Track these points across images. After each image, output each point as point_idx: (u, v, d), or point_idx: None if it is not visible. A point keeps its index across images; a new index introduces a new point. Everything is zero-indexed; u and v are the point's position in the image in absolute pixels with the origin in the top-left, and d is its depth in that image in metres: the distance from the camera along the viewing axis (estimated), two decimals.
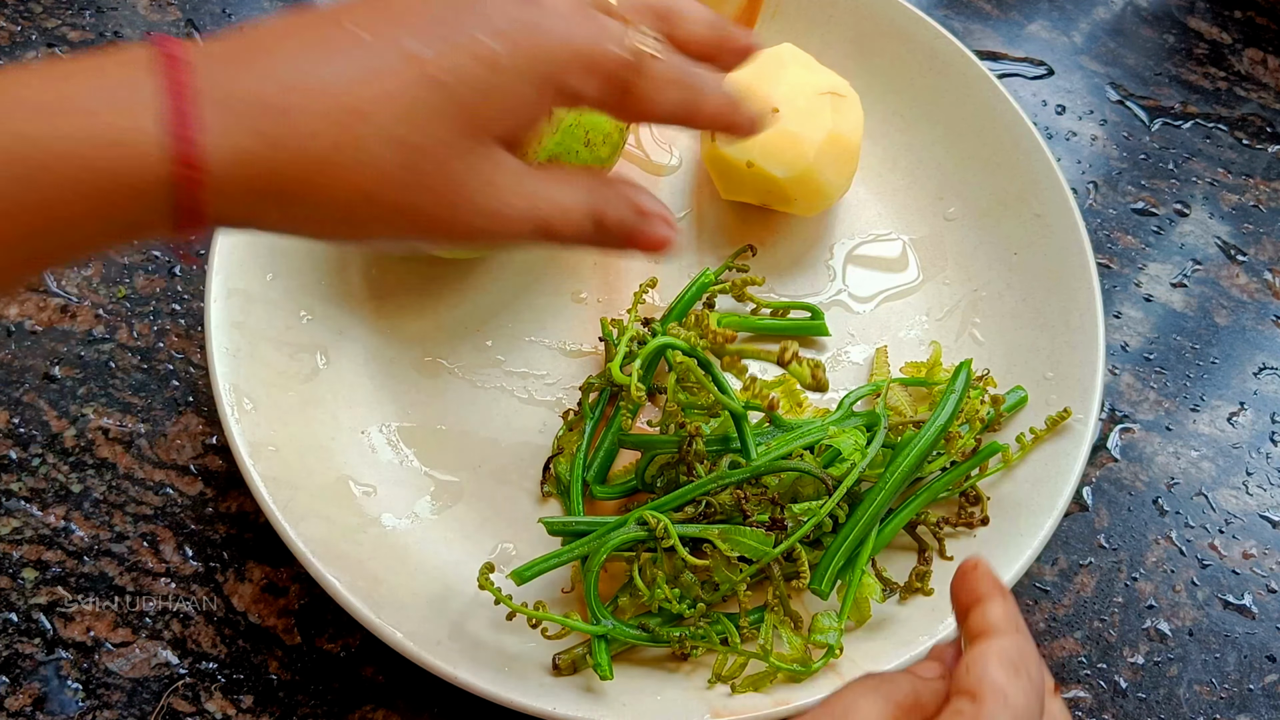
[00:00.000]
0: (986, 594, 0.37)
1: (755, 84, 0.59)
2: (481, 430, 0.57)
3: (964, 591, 0.37)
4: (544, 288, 0.61)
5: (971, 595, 0.37)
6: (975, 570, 0.37)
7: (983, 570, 0.38)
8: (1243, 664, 0.56)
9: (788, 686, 0.49)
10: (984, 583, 0.37)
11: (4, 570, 0.54)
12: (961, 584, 0.37)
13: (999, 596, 0.37)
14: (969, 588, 0.37)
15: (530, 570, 0.49)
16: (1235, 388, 0.63)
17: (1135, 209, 0.68)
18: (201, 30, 0.69)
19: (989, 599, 0.36)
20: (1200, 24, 0.75)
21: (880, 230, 0.64)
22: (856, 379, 0.60)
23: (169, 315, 0.60)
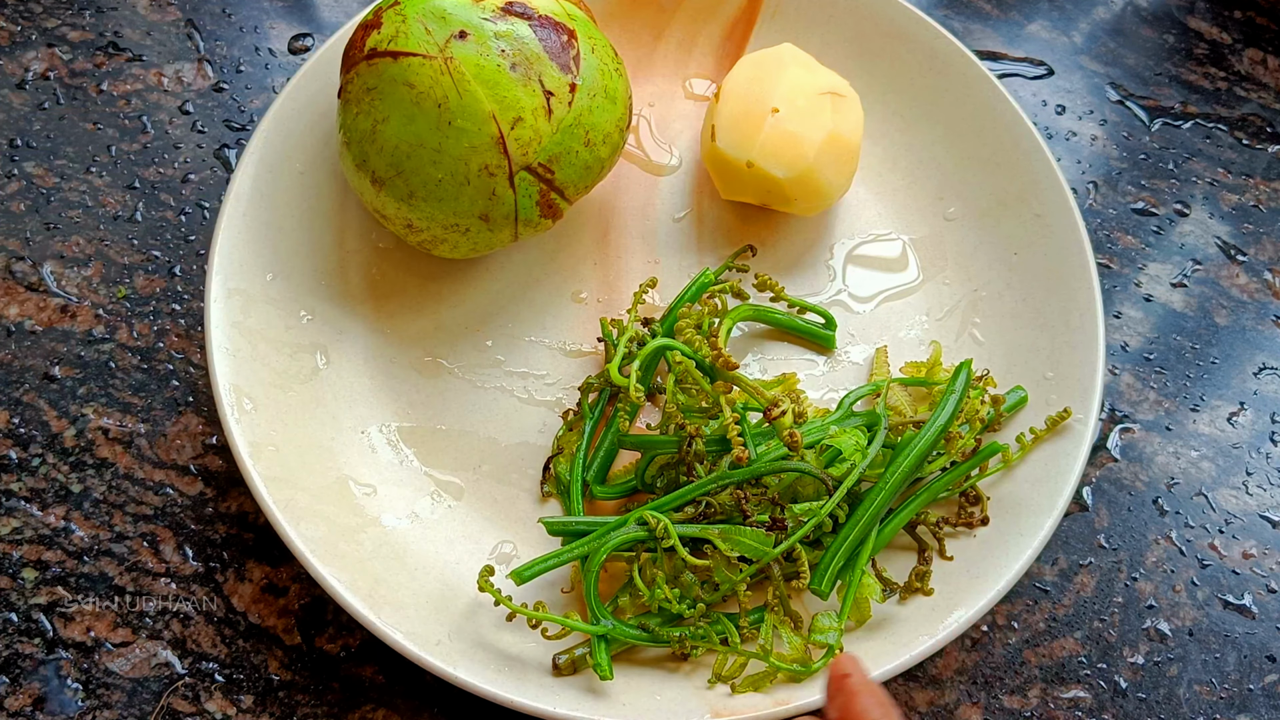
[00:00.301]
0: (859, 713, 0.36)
1: (755, 84, 0.59)
2: (481, 430, 0.57)
3: (843, 709, 0.37)
4: (544, 288, 0.61)
5: (849, 715, 0.37)
6: (848, 686, 0.37)
7: (855, 687, 0.37)
8: (1243, 664, 0.56)
9: (788, 686, 0.49)
10: (860, 704, 0.37)
11: (4, 570, 0.54)
12: (839, 704, 0.37)
13: (876, 711, 0.37)
14: (847, 710, 0.37)
15: (530, 570, 0.49)
16: (1235, 388, 0.63)
17: (1135, 209, 0.68)
18: (201, 30, 0.69)
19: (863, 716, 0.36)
20: (1200, 24, 0.75)
21: (880, 230, 0.64)
22: (856, 379, 0.60)
23: (169, 315, 0.60)
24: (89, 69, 0.67)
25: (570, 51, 0.53)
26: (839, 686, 0.38)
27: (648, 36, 0.67)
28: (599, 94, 0.54)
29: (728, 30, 0.67)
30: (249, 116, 0.66)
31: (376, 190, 0.54)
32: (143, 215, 0.63)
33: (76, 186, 0.63)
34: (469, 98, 0.51)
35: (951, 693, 0.54)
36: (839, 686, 0.38)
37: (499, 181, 0.52)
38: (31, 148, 0.64)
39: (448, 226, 0.54)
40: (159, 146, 0.65)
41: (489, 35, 0.51)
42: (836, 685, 0.38)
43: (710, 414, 0.54)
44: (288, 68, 0.68)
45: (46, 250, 0.61)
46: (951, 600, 0.52)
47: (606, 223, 0.63)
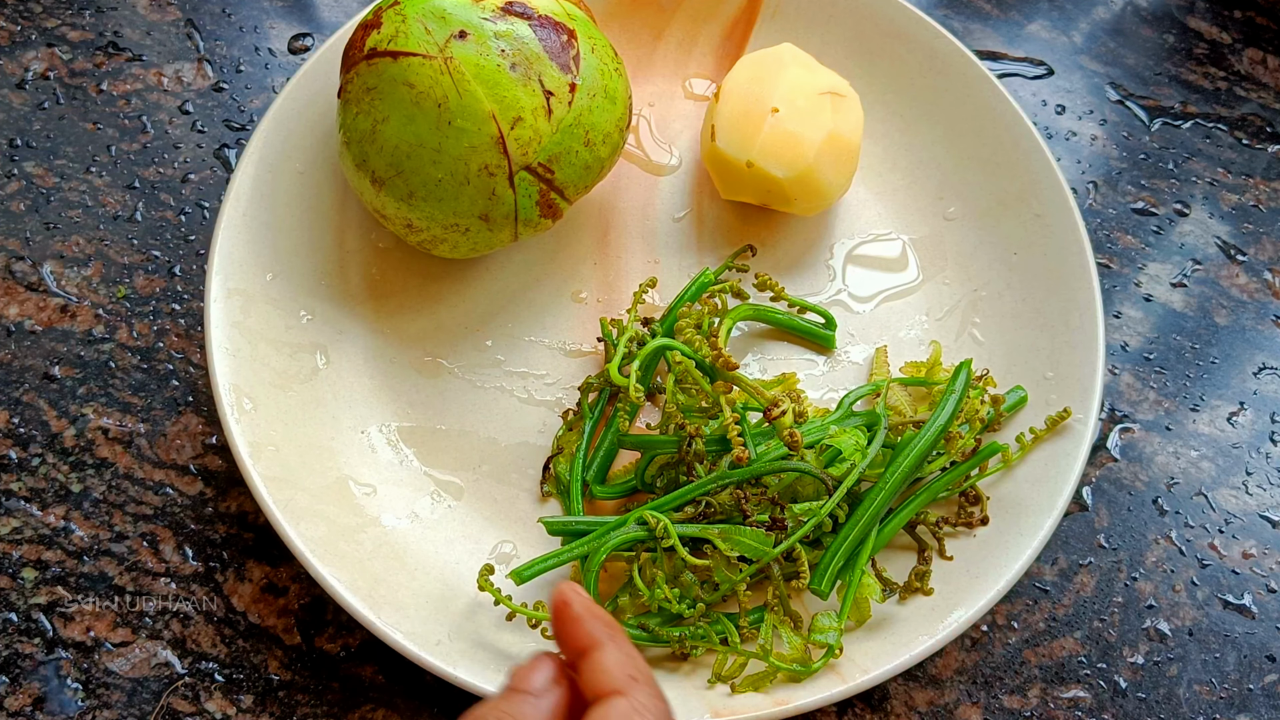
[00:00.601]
0: (594, 642, 0.35)
1: (755, 84, 0.59)
2: (481, 430, 0.57)
3: (569, 638, 0.35)
4: (544, 288, 0.61)
5: (578, 642, 0.35)
6: (571, 614, 0.35)
7: (580, 609, 0.36)
8: (1242, 664, 0.56)
9: (788, 686, 0.49)
10: (587, 627, 0.35)
11: (4, 570, 0.54)
12: (564, 629, 0.35)
13: (608, 643, 0.35)
14: (573, 635, 0.35)
15: (530, 570, 0.49)
16: (1235, 387, 0.63)
17: (1135, 209, 0.68)
18: (201, 30, 0.69)
19: (598, 648, 0.35)
20: (1200, 24, 0.75)
21: (880, 230, 0.64)
22: (856, 379, 0.60)
23: (169, 315, 0.60)
24: (89, 69, 0.67)
25: (570, 51, 0.53)
26: (561, 615, 0.36)
27: (648, 36, 0.67)
28: (599, 94, 0.54)
29: (728, 30, 0.67)
30: (249, 116, 0.66)
31: (376, 190, 0.54)
32: (143, 215, 0.63)
33: (76, 186, 0.63)
34: (469, 97, 0.51)
35: (951, 693, 0.54)
36: (561, 615, 0.36)
37: (499, 181, 0.52)
38: (31, 148, 0.64)
39: (448, 226, 0.54)
40: (159, 146, 0.65)
41: (489, 35, 0.51)
42: (559, 615, 0.36)
43: (710, 414, 0.54)
44: (288, 68, 0.68)
45: (46, 250, 0.61)
46: (951, 600, 0.52)
47: (606, 223, 0.63)
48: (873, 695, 0.54)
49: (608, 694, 0.33)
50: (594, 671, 0.34)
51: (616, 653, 0.35)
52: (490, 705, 0.34)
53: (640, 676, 0.34)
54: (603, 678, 0.34)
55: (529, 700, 0.34)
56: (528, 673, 0.35)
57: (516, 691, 0.35)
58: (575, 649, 0.35)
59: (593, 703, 0.33)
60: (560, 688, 0.35)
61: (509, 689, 0.35)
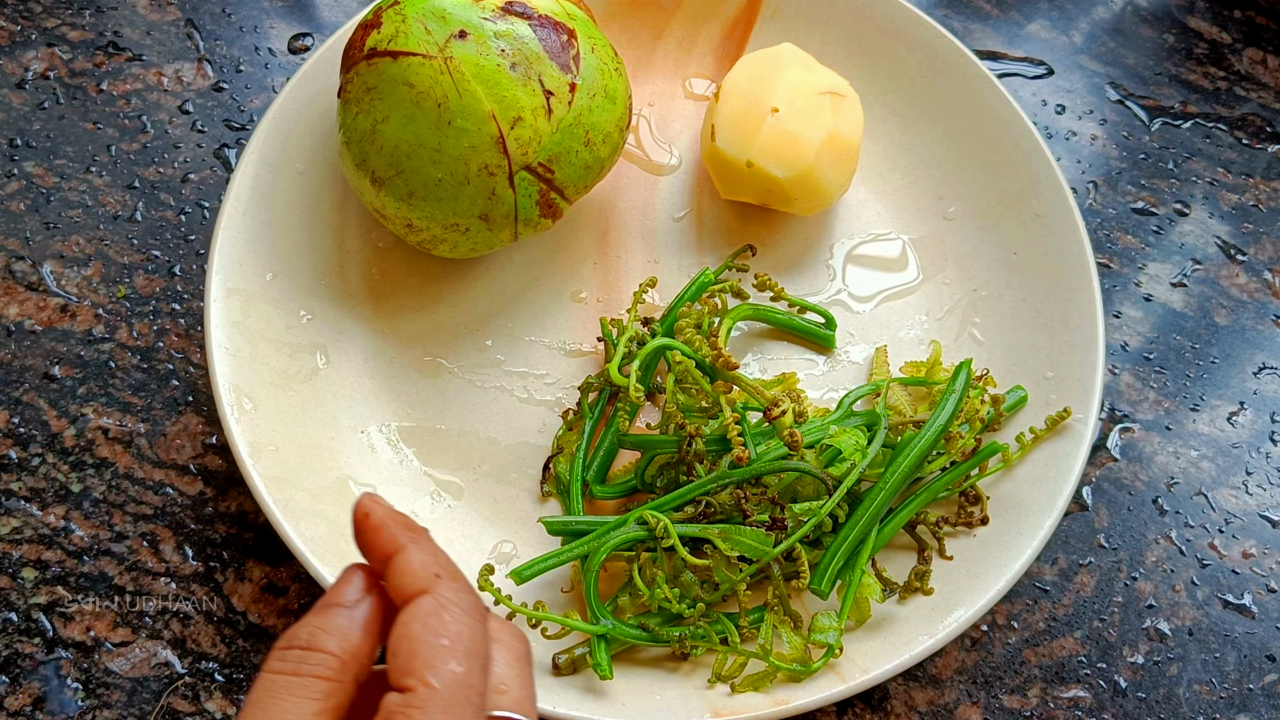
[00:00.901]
0: (396, 546, 0.34)
1: (755, 84, 0.59)
2: (481, 430, 0.57)
3: (372, 546, 0.35)
4: (544, 288, 0.61)
5: (381, 550, 0.35)
6: (371, 524, 0.35)
7: (379, 520, 0.35)
8: (1242, 664, 0.56)
9: (788, 686, 0.49)
10: (387, 533, 0.35)
11: (4, 570, 0.54)
12: (366, 539, 0.35)
13: (410, 545, 0.34)
14: (375, 543, 0.35)
15: (530, 570, 0.49)
16: (1235, 387, 0.63)
17: (1135, 209, 0.68)
18: (201, 30, 0.69)
19: (400, 552, 0.34)
20: (1200, 24, 0.75)
21: (880, 230, 0.64)
22: (856, 379, 0.60)
23: (169, 315, 0.60)
24: (89, 69, 0.67)
25: (570, 51, 0.53)
26: (362, 526, 0.35)
27: (648, 36, 0.67)
28: (599, 94, 0.54)
29: (727, 30, 0.67)
30: (249, 116, 0.66)
31: (376, 190, 0.54)
32: (143, 215, 0.63)
33: (76, 186, 0.63)
34: (469, 97, 0.51)
35: (951, 692, 0.54)
36: (362, 526, 0.35)
37: (499, 181, 0.52)
38: (31, 147, 0.64)
39: (447, 226, 0.54)
40: (159, 146, 0.65)
41: (489, 35, 0.51)
42: (359, 526, 0.35)
43: (710, 414, 0.54)
44: (288, 67, 0.68)
45: (46, 250, 0.61)
46: (951, 600, 0.52)
47: (606, 222, 0.63)
48: (873, 695, 0.54)
49: (413, 594, 0.33)
50: (398, 575, 0.34)
51: (419, 553, 0.34)
52: (303, 622, 0.34)
53: (444, 572, 0.34)
54: (407, 579, 0.34)
55: (341, 612, 0.34)
56: (337, 587, 0.35)
57: (329, 605, 0.35)
58: (380, 557, 0.35)
59: (402, 607, 0.33)
60: (372, 596, 0.35)
61: (320, 604, 0.35)
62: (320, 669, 0.33)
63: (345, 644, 0.33)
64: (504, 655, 0.36)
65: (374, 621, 0.34)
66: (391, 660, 0.32)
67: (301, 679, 0.32)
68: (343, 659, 0.33)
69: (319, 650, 0.33)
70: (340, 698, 0.33)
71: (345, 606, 0.34)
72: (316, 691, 0.32)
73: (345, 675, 0.33)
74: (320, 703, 0.32)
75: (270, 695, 0.32)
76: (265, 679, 0.33)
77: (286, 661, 0.33)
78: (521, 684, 0.36)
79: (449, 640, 0.32)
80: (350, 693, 0.33)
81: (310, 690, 0.32)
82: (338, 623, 0.34)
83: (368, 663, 0.34)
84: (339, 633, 0.34)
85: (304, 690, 0.32)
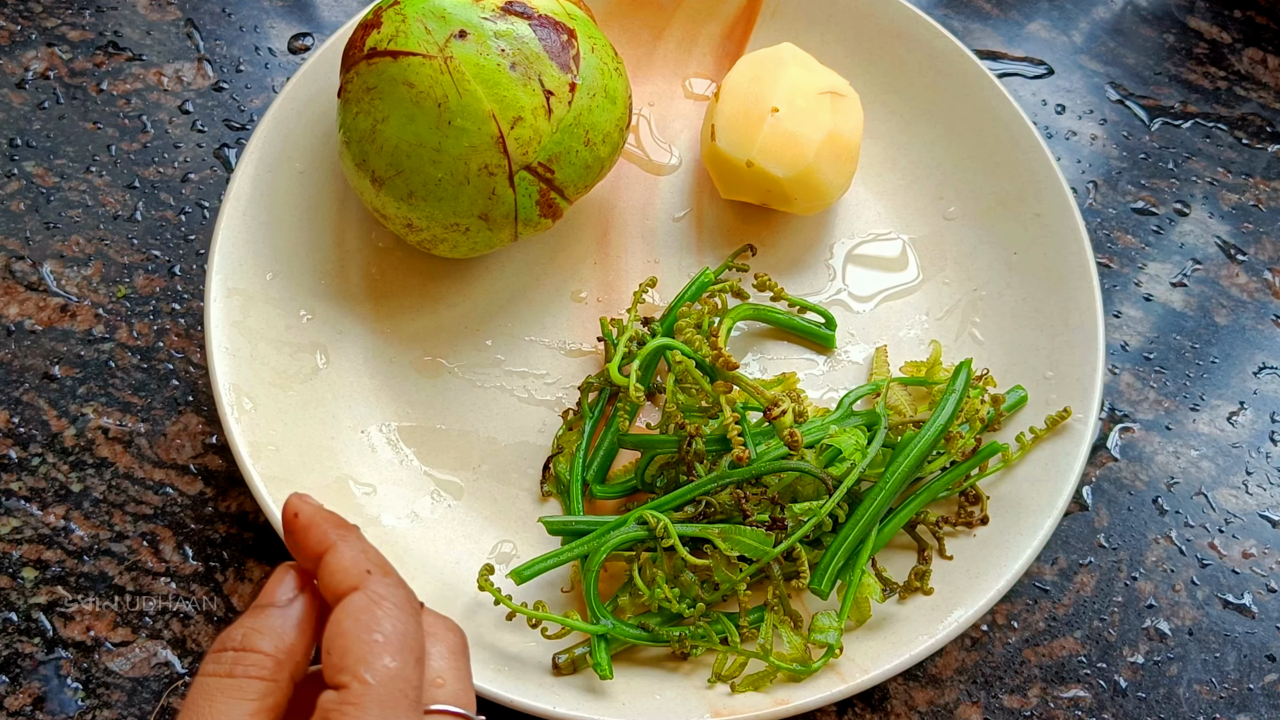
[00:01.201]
0: (326, 544, 0.34)
1: (755, 83, 0.59)
2: (481, 430, 0.57)
3: (303, 546, 0.35)
4: (544, 287, 0.61)
5: (311, 549, 0.35)
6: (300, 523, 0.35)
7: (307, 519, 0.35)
8: (1242, 663, 0.56)
9: (788, 686, 0.49)
10: (317, 532, 0.35)
11: (4, 570, 0.54)
12: (296, 539, 0.35)
13: (339, 542, 0.34)
14: (305, 542, 0.35)
15: (530, 570, 0.49)
16: (1235, 387, 0.63)
17: (1135, 208, 0.68)
18: (201, 30, 0.69)
19: (330, 550, 0.34)
20: (1200, 23, 0.75)
21: (880, 230, 0.64)
22: (856, 378, 0.60)
23: (169, 315, 0.60)
24: (89, 68, 0.67)
25: (570, 51, 0.53)
26: (291, 526, 0.35)
27: (648, 36, 0.67)
28: (599, 93, 0.54)
29: (727, 30, 0.67)
30: (249, 116, 0.66)
31: (376, 190, 0.54)
32: (142, 215, 0.63)
33: (76, 186, 0.63)
34: (469, 97, 0.51)
35: (951, 692, 0.54)
36: (291, 526, 0.35)
37: (499, 181, 0.52)
38: (31, 147, 0.64)
39: (448, 226, 0.54)
40: (159, 146, 0.65)
41: (489, 34, 0.51)
42: (289, 526, 0.35)
43: (710, 413, 0.54)
44: (287, 67, 0.68)
45: (46, 250, 0.61)
46: (951, 600, 0.52)
47: (606, 222, 0.63)
48: (873, 695, 0.54)
49: (345, 591, 0.33)
50: (329, 573, 0.34)
51: (349, 550, 0.34)
52: (237, 624, 0.34)
53: (375, 568, 0.34)
54: (338, 576, 0.34)
55: (274, 612, 0.34)
56: (270, 587, 0.35)
57: (262, 606, 0.35)
58: (310, 555, 0.35)
59: (335, 605, 0.33)
60: (305, 595, 0.35)
61: (254, 605, 0.35)
62: (255, 669, 0.33)
63: (279, 643, 0.34)
64: (439, 649, 0.36)
65: (308, 620, 0.34)
66: (326, 658, 0.32)
67: (236, 680, 0.33)
68: (277, 658, 0.33)
69: (253, 650, 0.33)
70: (277, 697, 0.33)
71: (278, 606, 0.34)
72: (252, 692, 0.32)
73: (280, 674, 0.33)
74: (256, 703, 0.32)
75: (206, 697, 0.32)
76: (201, 682, 0.33)
77: (221, 664, 0.33)
78: (458, 677, 0.36)
79: (382, 636, 0.32)
80: (287, 692, 0.33)
81: (245, 691, 0.32)
82: (271, 623, 0.34)
83: (304, 661, 0.34)
84: (273, 632, 0.34)
85: (239, 691, 0.32)
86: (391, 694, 0.32)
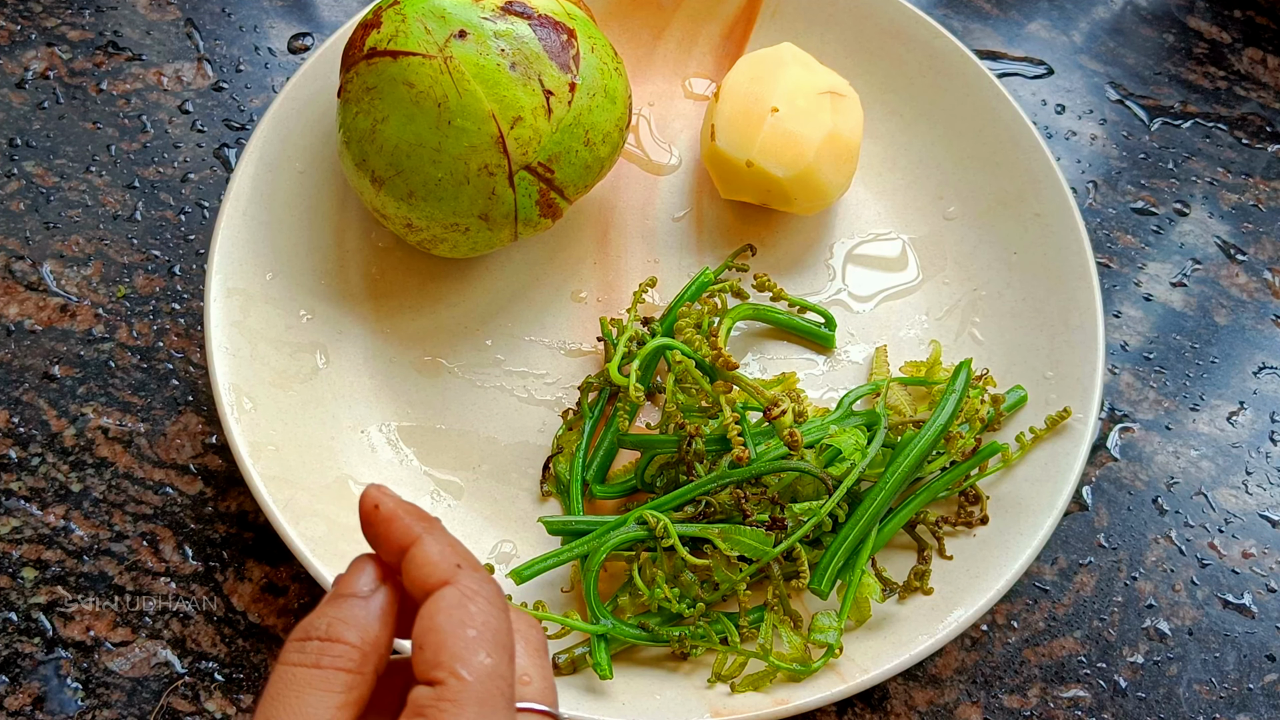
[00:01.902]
0: (412, 537, 0.33)
1: (755, 83, 0.59)
2: (481, 430, 0.57)
3: (386, 539, 0.33)
4: (544, 287, 0.61)
5: (395, 542, 0.33)
6: (382, 515, 0.33)
7: (389, 512, 0.34)
8: (1242, 663, 0.56)
9: (788, 686, 0.49)
10: (401, 524, 0.33)
11: (4, 570, 0.54)
12: (379, 531, 0.34)
13: (426, 535, 0.33)
14: (389, 535, 0.33)
15: (530, 569, 0.49)
16: (1235, 387, 0.63)
17: (1135, 208, 0.68)
18: (201, 30, 0.69)
19: (416, 543, 0.33)
20: (1200, 23, 0.75)
21: (880, 230, 0.64)
22: (856, 378, 0.60)
23: (169, 315, 0.60)
24: (89, 68, 0.67)
25: (570, 51, 0.53)
26: (371, 519, 0.33)
27: (648, 36, 0.67)
28: (599, 93, 0.54)
29: (727, 30, 0.67)
30: (249, 116, 0.66)
31: (376, 189, 0.54)
32: (142, 214, 0.63)
33: (76, 186, 0.63)
34: (468, 97, 0.50)
35: (951, 692, 0.54)
36: (371, 519, 0.33)
37: (499, 181, 0.52)
38: (31, 147, 0.64)
39: (447, 226, 0.54)
40: (159, 146, 0.65)
41: (488, 34, 0.51)
42: (369, 519, 0.33)
43: (710, 413, 0.54)
44: (287, 67, 0.68)
45: (46, 250, 0.61)
46: (951, 600, 0.52)
47: (606, 222, 0.63)
48: (873, 695, 0.54)
49: (435, 585, 0.32)
50: (417, 566, 0.32)
51: (436, 544, 0.33)
52: (318, 613, 0.33)
53: (465, 562, 0.33)
54: (427, 569, 0.32)
55: (357, 602, 0.33)
56: (350, 577, 0.33)
57: (343, 596, 0.33)
58: (394, 549, 0.33)
59: (422, 599, 0.32)
60: (387, 586, 0.34)
61: (333, 595, 0.34)
62: (341, 660, 0.32)
63: (365, 635, 0.32)
64: (523, 646, 0.35)
65: (390, 612, 0.33)
66: (418, 654, 0.32)
67: (323, 671, 0.31)
68: (363, 650, 0.32)
69: (339, 641, 0.32)
70: (362, 690, 0.32)
71: (360, 597, 0.33)
72: (339, 684, 0.31)
73: (366, 667, 0.32)
74: (343, 695, 0.31)
75: (293, 690, 0.31)
76: (284, 671, 0.32)
77: (306, 654, 0.32)
78: (543, 674, 0.35)
79: (476, 631, 0.31)
80: (371, 684, 0.32)
81: (332, 683, 0.31)
82: (355, 613, 0.33)
83: (386, 654, 0.33)
84: (357, 623, 0.33)
85: (326, 683, 0.31)
86: (489, 691, 0.31)
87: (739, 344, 0.60)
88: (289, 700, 0.31)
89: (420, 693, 0.31)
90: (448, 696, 0.30)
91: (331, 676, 0.31)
